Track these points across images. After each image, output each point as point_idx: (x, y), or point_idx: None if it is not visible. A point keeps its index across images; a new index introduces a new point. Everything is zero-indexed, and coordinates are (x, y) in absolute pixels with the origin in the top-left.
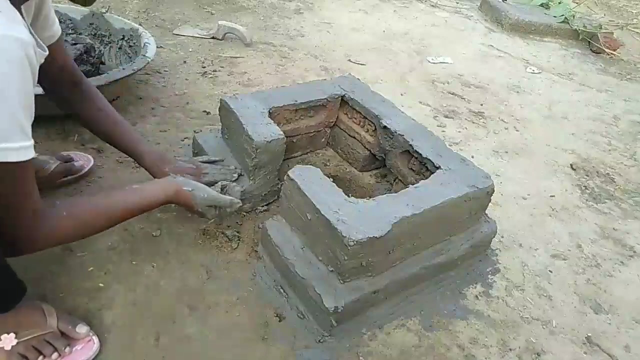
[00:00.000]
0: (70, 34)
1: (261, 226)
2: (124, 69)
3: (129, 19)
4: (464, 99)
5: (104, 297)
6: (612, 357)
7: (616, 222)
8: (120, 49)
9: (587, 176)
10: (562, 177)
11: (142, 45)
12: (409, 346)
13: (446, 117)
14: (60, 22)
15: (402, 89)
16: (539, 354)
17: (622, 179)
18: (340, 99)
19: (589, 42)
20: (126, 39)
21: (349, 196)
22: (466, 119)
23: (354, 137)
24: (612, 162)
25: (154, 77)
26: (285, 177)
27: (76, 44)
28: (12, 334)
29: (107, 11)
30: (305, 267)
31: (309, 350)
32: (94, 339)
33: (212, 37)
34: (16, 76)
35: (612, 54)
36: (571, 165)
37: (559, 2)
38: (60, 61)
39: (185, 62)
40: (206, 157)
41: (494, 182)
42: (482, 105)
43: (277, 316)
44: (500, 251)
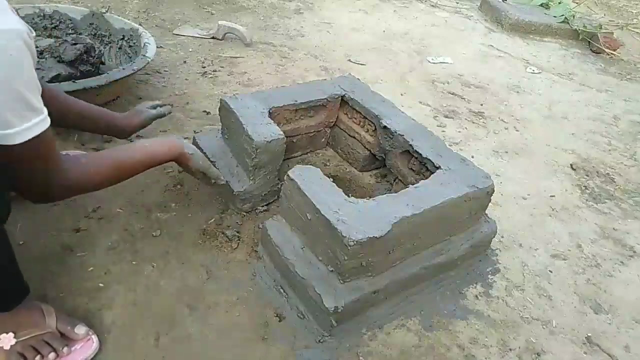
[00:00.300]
0: (70, 34)
1: (261, 226)
2: (124, 69)
3: (129, 19)
4: (464, 99)
5: (104, 297)
6: (612, 357)
7: (616, 222)
8: (120, 49)
9: (587, 176)
10: (562, 177)
11: (142, 45)
12: (409, 346)
13: (446, 117)
14: (60, 22)
15: (402, 89)
16: (539, 354)
17: (622, 179)
18: (340, 99)
19: (589, 42)
20: (126, 39)
21: (349, 196)
22: (466, 119)
23: (354, 137)
24: (612, 162)
25: (154, 77)
26: (285, 177)
27: (76, 44)
28: (11, 334)
29: (107, 11)
30: (305, 267)
31: (309, 350)
32: (93, 338)
33: (212, 37)
34: (21, 66)
35: (612, 54)
36: (571, 165)
37: (559, 2)
38: None
39: (185, 62)
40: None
41: (494, 182)
42: (482, 105)
43: (277, 316)
44: (500, 251)
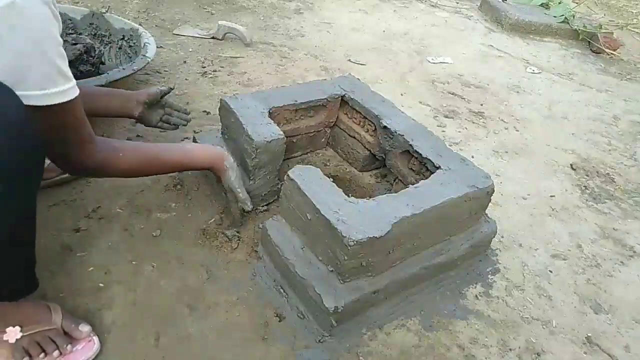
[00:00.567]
0: (70, 34)
1: (261, 226)
2: (124, 69)
3: (129, 19)
4: (464, 99)
5: (104, 297)
6: (612, 357)
7: (616, 222)
8: (120, 49)
9: (587, 176)
10: (562, 177)
11: (142, 45)
12: (409, 346)
13: (446, 117)
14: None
15: (402, 89)
16: (539, 354)
17: (622, 179)
18: (340, 99)
19: (589, 42)
20: (126, 39)
21: (349, 196)
22: (466, 119)
23: (354, 137)
24: (612, 162)
25: (154, 77)
26: (285, 177)
27: (76, 44)
28: (18, 327)
29: (107, 11)
30: (305, 267)
31: (309, 350)
32: (95, 339)
33: (212, 37)
34: (50, 30)
35: (612, 54)
36: (571, 165)
37: (559, 2)
38: None
39: (185, 62)
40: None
41: (494, 182)
42: (482, 105)
43: (277, 316)
44: (500, 251)
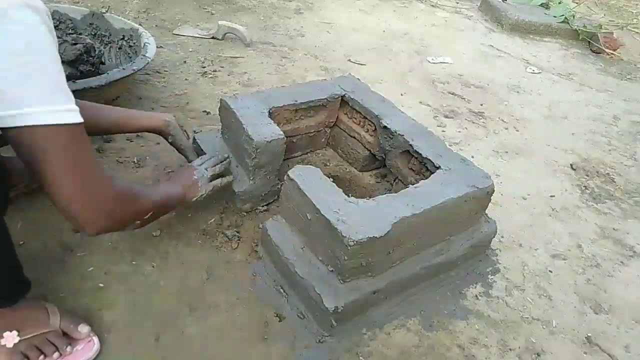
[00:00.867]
0: (70, 34)
1: (261, 226)
2: (124, 69)
3: (129, 19)
4: (464, 99)
5: (104, 297)
6: (612, 357)
7: (616, 222)
8: (120, 49)
9: (587, 176)
10: (562, 177)
11: (142, 45)
12: (409, 346)
13: (446, 117)
14: (60, 22)
15: (402, 89)
16: (539, 354)
17: (622, 179)
18: (340, 99)
19: (589, 42)
20: (126, 39)
21: (349, 196)
22: (466, 119)
23: (354, 137)
24: (612, 162)
25: (154, 77)
26: (285, 177)
27: (76, 44)
28: (15, 332)
29: (107, 11)
30: (305, 267)
31: (309, 350)
32: (94, 339)
33: (212, 37)
34: (46, 43)
35: (612, 54)
36: (571, 165)
37: (559, 2)
38: None
39: (185, 62)
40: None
41: (494, 182)
42: (482, 105)
43: (277, 316)
44: (500, 251)
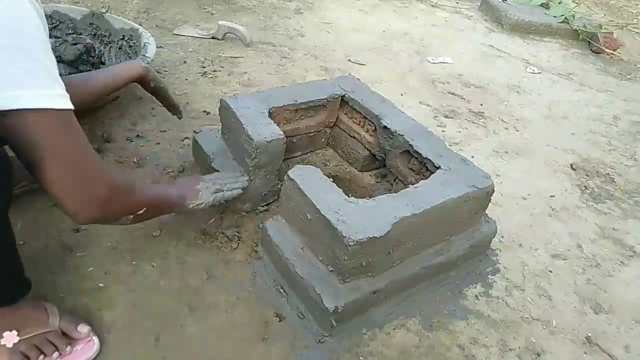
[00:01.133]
0: (70, 34)
1: (261, 226)
2: None
3: (129, 19)
4: (464, 99)
5: (104, 297)
6: (612, 357)
7: (616, 222)
8: (120, 49)
9: (587, 176)
10: (562, 177)
11: (142, 45)
12: (409, 346)
13: (446, 117)
14: (60, 22)
15: (402, 89)
16: (539, 354)
17: (622, 179)
18: (340, 99)
19: (589, 42)
20: (126, 39)
21: (349, 196)
22: (466, 119)
23: (354, 137)
24: (612, 162)
25: None
26: (285, 177)
27: (76, 44)
28: (14, 332)
29: (107, 11)
30: (305, 267)
31: (309, 350)
32: (94, 339)
33: (212, 37)
34: (38, 28)
35: (612, 54)
36: (571, 165)
37: (559, 2)
38: None
39: (185, 62)
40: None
41: (494, 182)
42: (482, 105)
43: (277, 316)
44: (500, 251)
